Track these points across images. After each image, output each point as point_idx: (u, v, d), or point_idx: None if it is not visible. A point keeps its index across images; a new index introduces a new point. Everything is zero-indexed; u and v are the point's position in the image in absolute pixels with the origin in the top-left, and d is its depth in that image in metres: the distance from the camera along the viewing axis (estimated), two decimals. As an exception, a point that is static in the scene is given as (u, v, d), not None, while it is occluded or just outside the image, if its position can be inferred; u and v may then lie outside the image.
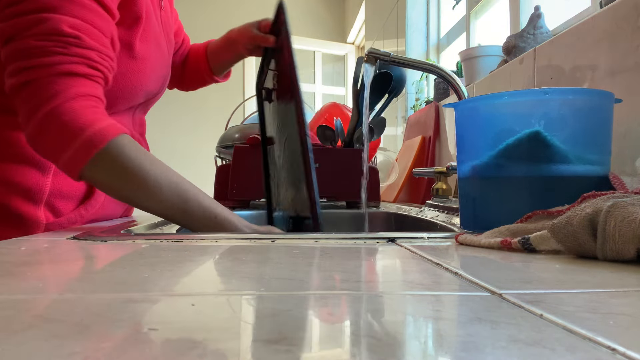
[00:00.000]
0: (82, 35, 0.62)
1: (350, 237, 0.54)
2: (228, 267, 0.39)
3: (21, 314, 0.24)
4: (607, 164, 0.56)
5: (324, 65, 4.54)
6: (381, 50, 0.99)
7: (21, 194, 0.70)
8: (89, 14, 0.63)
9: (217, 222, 0.65)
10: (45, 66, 0.61)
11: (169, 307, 0.25)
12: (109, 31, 0.67)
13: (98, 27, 0.65)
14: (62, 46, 0.61)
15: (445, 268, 0.37)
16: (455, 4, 1.89)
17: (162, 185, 0.63)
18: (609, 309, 0.25)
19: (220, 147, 1.30)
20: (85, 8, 0.63)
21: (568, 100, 0.56)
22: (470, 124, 0.62)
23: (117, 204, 0.85)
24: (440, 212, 0.93)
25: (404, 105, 2.23)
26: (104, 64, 0.66)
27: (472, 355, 0.19)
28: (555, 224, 0.41)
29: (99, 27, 0.65)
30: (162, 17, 0.85)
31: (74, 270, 0.37)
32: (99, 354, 0.18)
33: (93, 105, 0.63)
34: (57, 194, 0.73)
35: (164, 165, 0.65)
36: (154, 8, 0.80)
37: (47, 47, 0.61)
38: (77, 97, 0.61)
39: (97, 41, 0.64)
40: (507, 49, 1.05)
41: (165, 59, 0.85)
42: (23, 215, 0.70)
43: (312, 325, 0.23)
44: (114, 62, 0.68)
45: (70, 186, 0.75)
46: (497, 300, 0.27)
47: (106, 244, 0.50)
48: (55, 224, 0.73)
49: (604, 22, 0.72)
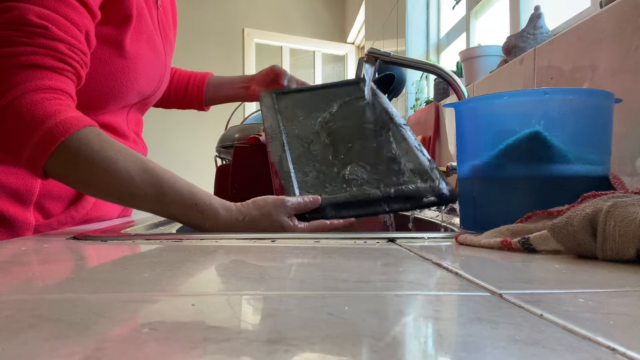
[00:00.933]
0: (50, 26, 0.59)
1: (350, 237, 0.54)
2: (228, 267, 0.39)
3: (21, 314, 0.24)
4: (607, 164, 0.56)
5: (324, 65, 4.54)
6: (381, 50, 0.99)
7: (10, 195, 0.68)
8: (62, 6, 0.60)
9: (198, 210, 0.60)
10: (7, 56, 0.57)
11: (169, 307, 0.25)
12: (83, 25, 0.63)
13: (70, 19, 0.61)
14: (27, 36, 0.58)
15: (445, 268, 0.37)
16: (455, 4, 1.89)
17: (134, 176, 0.59)
18: (609, 309, 0.25)
19: (220, 147, 1.30)
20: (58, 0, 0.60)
21: (568, 100, 0.56)
22: (470, 124, 0.62)
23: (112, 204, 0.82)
24: (440, 212, 0.93)
25: (404, 105, 2.23)
26: (75, 57, 0.61)
27: (472, 355, 0.19)
28: (555, 224, 0.41)
29: (71, 20, 0.61)
30: (159, 16, 0.82)
31: (74, 270, 0.37)
32: (99, 354, 0.18)
33: (57, 97, 0.59)
34: (46, 195, 0.71)
35: (135, 154, 0.61)
36: (149, 7, 0.78)
37: (11, 37, 0.57)
38: (39, 89, 0.57)
39: (68, 33, 0.60)
40: (507, 49, 1.05)
41: (160, 59, 0.82)
42: (12, 217, 0.68)
43: (312, 326, 0.23)
44: (87, 57, 0.64)
45: (60, 187, 0.72)
46: (497, 300, 0.27)
47: (106, 244, 0.50)
48: (44, 225, 0.71)
49: (604, 22, 0.72)
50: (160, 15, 0.83)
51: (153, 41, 0.79)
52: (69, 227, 0.73)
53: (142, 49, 0.76)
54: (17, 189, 0.69)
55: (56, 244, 0.49)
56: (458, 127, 0.63)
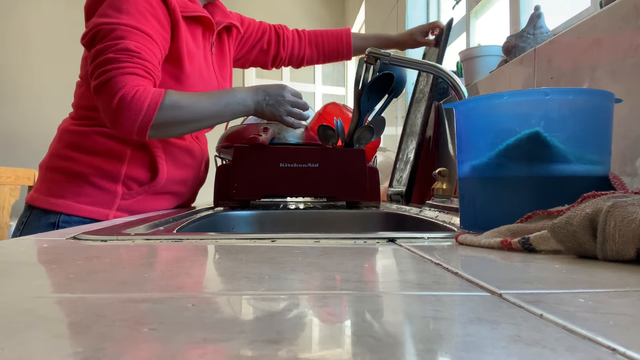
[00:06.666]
0: (142, 53, 0.94)
1: (350, 237, 0.54)
2: (228, 267, 0.39)
3: (21, 314, 0.24)
4: (607, 164, 0.56)
5: (324, 65, 4.54)
6: (381, 50, 0.99)
7: (105, 175, 1.02)
8: (147, 43, 0.96)
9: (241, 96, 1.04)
10: (118, 68, 0.91)
11: (169, 307, 0.25)
12: (158, 55, 0.98)
13: (152, 50, 0.96)
14: (129, 58, 0.92)
15: (445, 268, 0.37)
16: (455, 4, 1.89)
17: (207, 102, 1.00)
18: (609, 309, 0.25)
19: (220, 147, 1.30)
20: (144, 39, 0.95)
21: (568, 100, 0.56)
22: (470, 124, 0.61)
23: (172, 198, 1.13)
24: (440, 212, 0.93)
25: (404, 105, 2.23)
26: (155, 72, 0.97)
27: (472, 355, 0.19)
28: (555, 224, 0.41)
29: (152, 51, 0.97)
30: (214, 60, 1.20)
31: (74, 270, 0.37)
32: (99, 354, 0.18)
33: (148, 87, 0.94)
34: (128, 177, 1.04)
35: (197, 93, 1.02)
36: (205, 53, 1.15)
37: (120, 58, 0.92)
38: (138, 86, 0.92)
39: (151, 58, 0.96)
40: (507, 49, 1.05)
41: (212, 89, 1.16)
42: (107, 188, 1.02)
43: (312, 325, 0.23)
44: (159, 74, 0.99)
45: (138, 172, 1.05)
46: (497, 300, 0.27)
47: (106, 244, 0.50)
48: (128, 194, 1.04)
49: (604, 22, 0.72)
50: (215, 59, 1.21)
51: (205, 78, 1.14)
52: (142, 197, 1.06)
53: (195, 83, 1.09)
54: (110, 171, 1.03)
55: (56, 244, 0.49)
56: (458, 127, 0.63)
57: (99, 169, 1.02)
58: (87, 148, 1.03)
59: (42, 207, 1.01)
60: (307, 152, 1.11)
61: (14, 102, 3.75)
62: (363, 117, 1.14)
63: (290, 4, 4.43)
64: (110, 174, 1.03)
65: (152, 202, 1.08)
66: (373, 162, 1.45)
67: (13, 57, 3.77)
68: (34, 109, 3.73)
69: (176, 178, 1.11)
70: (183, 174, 1.13)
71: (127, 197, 1.04)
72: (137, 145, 1.04)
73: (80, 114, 1.06)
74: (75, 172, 1.02)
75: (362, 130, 1.14)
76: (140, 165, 1.05)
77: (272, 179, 1.09)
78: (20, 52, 3.78)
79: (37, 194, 1.04)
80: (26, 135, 3.66)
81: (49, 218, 1.00)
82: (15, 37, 3.78)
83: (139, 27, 0.95)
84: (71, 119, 1.08)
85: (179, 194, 1.15)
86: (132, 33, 0.94)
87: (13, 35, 3.78)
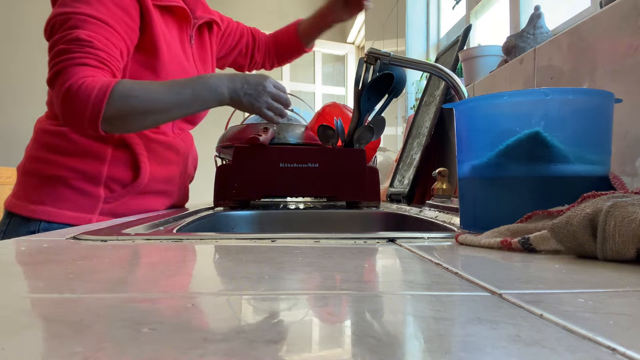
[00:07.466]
0: (94, 41, 0.88)
1: (350, 237, 0.54)
2: (228, 267, 0.39)
3: (21, 314, 0.24)
4: (607, 164, 0.56)
5: (324, 65, 4.54)
6: (381, 50, 0.99)
7: (86, 178, 0.97)
8: (103, 31, 0.89)
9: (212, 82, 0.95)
10: (66, 60, 0.86)
11: (169, 307, 0.25)
12: (118, 45, 0.92)
13: (109, 39, 0.90)
14: (79, 48, 0.87)
15: (445, 268, 0.37)
16: (455, 4, 1.89)
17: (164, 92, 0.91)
18: (609, 309, 0.25)
19: (220, 147, 1.30)
20: (102, 28, 0.89)
21: (568, 100, 0.56)
22: (470, 124, 0.61)
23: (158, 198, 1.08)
24: (440, 212, 0.93)
25: (404, 105, 2.23)
26: (112, 62, 0.90)
27: (472, 355, 0.19)
28: (555, 224, 0.41)
29: (110, 40, 0.90)
30: (194, 53, 1.14)
31: (74, 270, 0.37)
32: (99, 354, 0.18)
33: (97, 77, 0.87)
34: (110, 178, 0.99)
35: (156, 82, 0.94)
36: (183, 45, 1.10)
37: (70, 48, 0.87)
38: (86, 77, 0.86)
39: (107, 47, 0.89)
40: (507, 49, 1.05)
41: None
42: (88, 192, 0.97)
43: (312, 326, 0.23)
44: (120, 64, 0.93)
45: (120, 173, 1.00)
46: (497, 300, 0.27)
47: (106, 244, 0.50)
48: (111, 198, 0.99)
49: (604, 22, 0.72)
50: (195, 51, 1.15)
51: (185, 70, 1.07)
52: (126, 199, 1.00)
53: (171, 74, 1.03)
54: (90, 173, 0.97)
55: (56, 244, 0.49)
56: (458, 127, 0.63)
57: (79, 171, 0.96)
58: (65, 149, 0.97)
59: (21, 214, 0.96)
60: (307, 152, 1.11)
61: (14, 102, 3.75)
62: (363, 117, 1.14)
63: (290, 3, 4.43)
64: (91, 176, 0.97)
65: (136, 203, 1.02)
66: (373, 162, 1.45)
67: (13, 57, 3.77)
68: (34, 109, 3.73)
69: (160, 176, 1.06)
70: (167, 171, 1.08)
71: (110, 200, 0.98)
72: (118, 143, 0.99)
73: (55, 112, 0.99)
74: (53, 176, 0.96)
75: (362, 130, 1.14)
76: (122, 165, 0.99)
77: (272, 179, 1.09)
78: (20, 52, 3.78)
79: (16, 199, 0.99)
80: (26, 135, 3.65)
81: (29, 226, 0.95)
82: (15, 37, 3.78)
83: (96, 16, 0.89)
84: (47, 118, 1.03)
85: (165, 193, 1.09)
86: (87, 22, 0.88)
87: (13, 35, 3.78)
